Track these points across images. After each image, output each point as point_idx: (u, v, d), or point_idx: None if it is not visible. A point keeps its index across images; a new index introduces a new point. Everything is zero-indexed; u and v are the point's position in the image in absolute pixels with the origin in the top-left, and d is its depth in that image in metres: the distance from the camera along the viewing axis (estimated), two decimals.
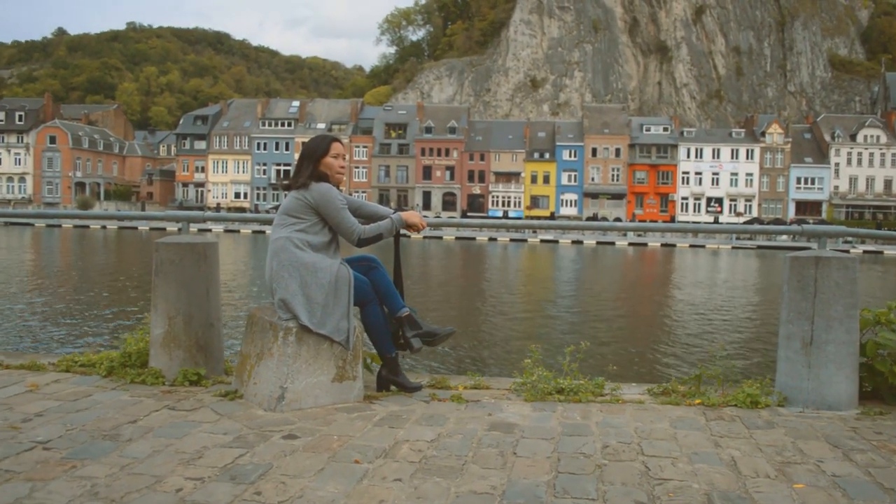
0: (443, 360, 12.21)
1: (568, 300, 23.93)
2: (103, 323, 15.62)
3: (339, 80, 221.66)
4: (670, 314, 20.77)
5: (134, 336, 4.80)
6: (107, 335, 13.92)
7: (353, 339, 4.04)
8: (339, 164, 4.18)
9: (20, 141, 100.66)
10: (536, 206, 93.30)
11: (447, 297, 23.51)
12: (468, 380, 4.68)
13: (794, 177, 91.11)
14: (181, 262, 4.52)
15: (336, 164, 4.18)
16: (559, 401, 4.23)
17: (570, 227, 5.07)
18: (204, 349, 4.55)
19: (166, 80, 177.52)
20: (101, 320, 16.01)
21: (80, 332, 14.57)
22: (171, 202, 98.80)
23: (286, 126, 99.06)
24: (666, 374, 11.49)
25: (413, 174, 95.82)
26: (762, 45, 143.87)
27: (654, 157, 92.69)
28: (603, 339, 15.31)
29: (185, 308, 4.50)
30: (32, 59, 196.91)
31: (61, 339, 13.73)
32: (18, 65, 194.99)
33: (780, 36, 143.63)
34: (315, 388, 3.97)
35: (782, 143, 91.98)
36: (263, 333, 4.04)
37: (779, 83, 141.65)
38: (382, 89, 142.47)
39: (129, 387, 4.32)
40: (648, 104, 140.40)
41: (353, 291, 4.04)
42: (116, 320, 15.99)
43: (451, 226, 5.07)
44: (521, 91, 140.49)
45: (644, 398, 4.33)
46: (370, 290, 4.18)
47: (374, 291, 4.20)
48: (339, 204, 4.05)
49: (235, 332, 13.88)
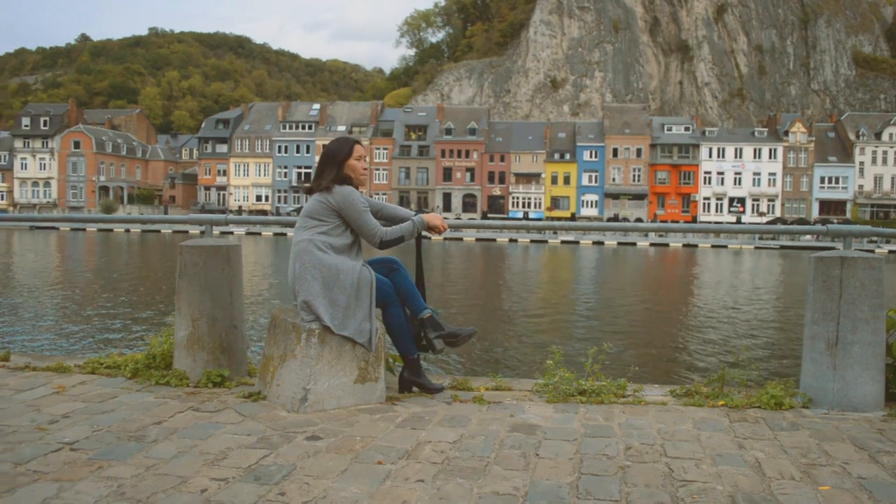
0: (464, 361, 12.21)
1: (589, 301, 23.84)
2: (128, 325, 15.77)
3: (359, 82, 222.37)
4: (692, 315, 20.62)
5: (158, 338, 4.84)
6: (132, 338, 14.06)
7: (375, 340, 4.06)
8: (361, 167, 4.22)
9: (45, 146, 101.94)
10: (557, 207, 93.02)
11: (468, 298, 23.50)
12: (490, 381, 4.68)
13: (818, 176, 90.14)
14: (205, 264, 4.56)
15: (359, 166, 4.21)
16: (581, 402, 4.22)
17: (591, 228, 5.06)
18: (227, 351, 4.59)
19: (188, 84, 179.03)
20: (126, 323, 16.17)
21: (106, 334, 14.73)
22: (193, 205, 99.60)
23: (307, 129, 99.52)
24: (689, 376, 11.42)
25: (433, 176, 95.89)
26: (785, 43, 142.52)
27: (675, 157, 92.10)
28: (625, 341, 15.23)
29: (209, 310, 4.53)
30: (57, 65, 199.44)
31: (87, 341, 13.89)
32: (43, 71, 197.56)
33: (804, 34, 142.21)
34: (338, 390, 3.99)
35: (806, 142, 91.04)
36: (286, 335, 4.06)
37: (802, 81, 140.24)
38: (402, 91, 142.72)
39: (153, 388, 4.36)
40: (669, 104, 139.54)
41: (375, 293, 4.06)
42: (141, 323, 16.15)
43: (471, 227, 5.08)
44: (541, 92, 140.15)
45: (667, 399, 4.31)
46: (392, 291, 4.20)
47: (396, 293, 4.22)
48: (362, 206, 4.08)
49: (258, 333, 13.97)
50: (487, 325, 17.27)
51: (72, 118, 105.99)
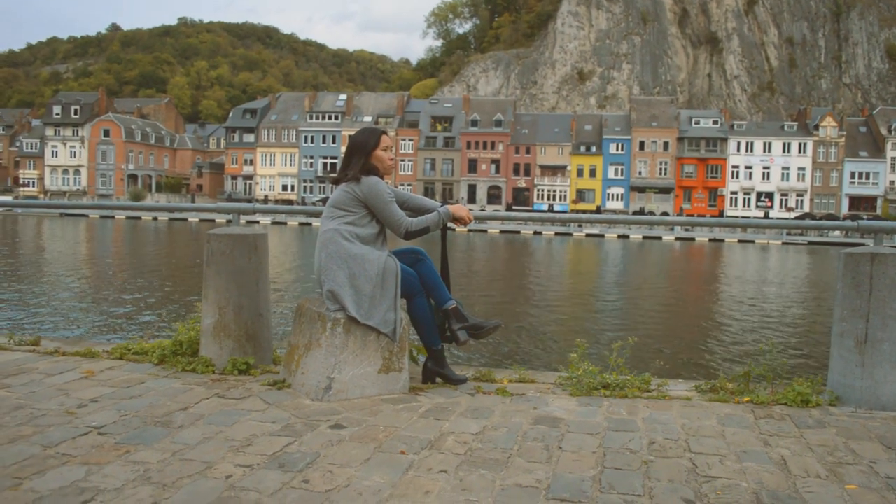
0: (488, 353, 12.21)
1: (614, 295, 23.73)
2: (155, 312, 15.96)
3: (385, 73, 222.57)
4: (718, 310, 20.47)
5: (185, 325, 4.89)
6: (159, 324, 14.22)
7: (399, 330, 4.07)
8: (388, 157, 4.24)
9: (75, 134, 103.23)
10: (582, 199, 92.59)
11: (492, 289, 23.49)
12: (513, 373, 4.68)
13: (848, 171, 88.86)
14: (232, 253, 4.59)
15: (386, 156, 4.23)
16: (605, 396, 4.21)
17: (617, 221, 5.03)
18: (253, 339, 4.62)
19: (216, 74, 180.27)
20: (154, 309, 16.36)
21: (134, 320, 14.91)
22: (220, 194, 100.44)
23: (333, 119, 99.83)
24: (714, 371, 11.34)
25: (458, 167, 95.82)
26: (816, 35, 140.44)
27: (703, 151, 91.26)
28: (649, 335, 15.15)
29: (236, 298, 4.57)
30: (87, 55, 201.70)
31: (115, 327, 14.08)
32: (74, 59, 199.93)
33: (836, 26, 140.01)
34: (362, 379, 4.00)
35: (836, 137, 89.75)
36: (311, 324, 4.09)
37: (833, 75, 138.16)
38: (429, 82, 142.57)
39: (180, 375, 4.41)
40: (698, 97, 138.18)
41: (400, 283, 4.07)
42: (168, 309, 16.33)
43: (496, 219, 5.07)
44: (568, 84, 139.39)
45: (691, 395, 4.28)
46: (417, 282, 4.20)
47: (421, 284, 4.22)
48: (388, 197, 4.09)
49: (284, 322, 14.07)
50: (511, 318, 17.26)
51: (102, 107, 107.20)
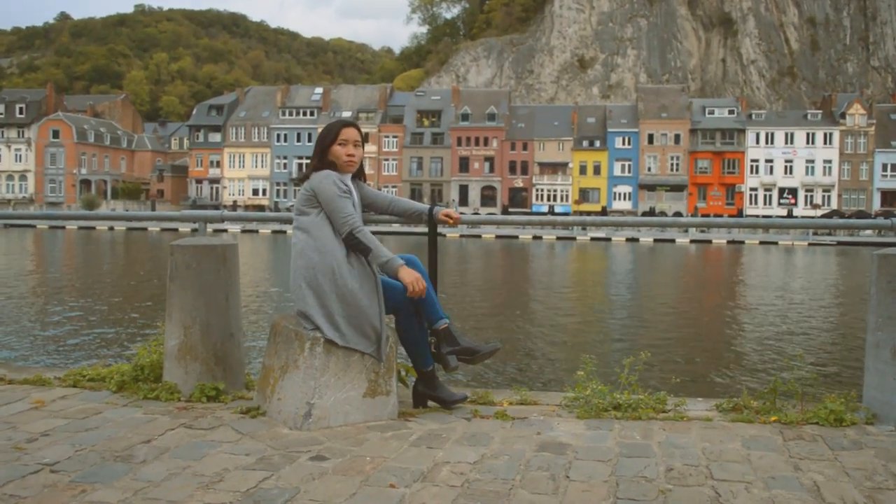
0: (485, 372, 12.20)
1: (623, 305, 23.76)
2: (113, 333, 15.88)
3: (366, 63, 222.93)
4: (740, 320, 20.52)
5: (147, 348, 4.86)
6: (117, 347, 14.16)
7: (385, 349, 4.05)
8: (345, 153, 4.18)
9: (21, 136, 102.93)
10: (586, 200, 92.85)
11: (487, 301, 23.49)
12: (514, 394, 4.67)
13: (880, 163, 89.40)
14: (198, 266, 4.57)
15: (342, 152, 4.18)
16: (616, 418, 4.20)
17: (625, 224, 5.03)
18: (223, 362, 4.60)
19: (178, 66, 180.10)
20: (111, 330, 16.28)
21: (88, 343, 14.83)
22: (183, 200, 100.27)
23: (308, 115, 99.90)
24: (736, 388, 11.35)
25: (448, 166, 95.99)
26: (840, 15, 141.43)
27: (718, 144, 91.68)
28: (663, 349, 15.16)
29: (203, 316, 4.55)
30: (33, 47, 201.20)
31: (68, 351, 14.00)
32: (18, 53, 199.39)
33: (861, 4, 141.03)
34: (345, 404, 3.99)
35: (865, 126, 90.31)
36: (288, 344, 4.07)
37: (860, 58, 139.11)
38: (414, 73, 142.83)
39: (141, 403, 4.38)
40: (711, 84, 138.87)
41: (382, 297, 4.05)
42: (127, 330, 16.25)
43: (490, 223, 5.06)
44: (568, 72, 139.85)
45: (712, 415, 4.28)
46: (404, 296, 4.18)
47: (409, 298, 4.20)
48: (337, 190, 4.03)
49: (257, 343, 14.02)
50: (510, 332, 17.25)
51: (50, 105, 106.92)
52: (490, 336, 16.60)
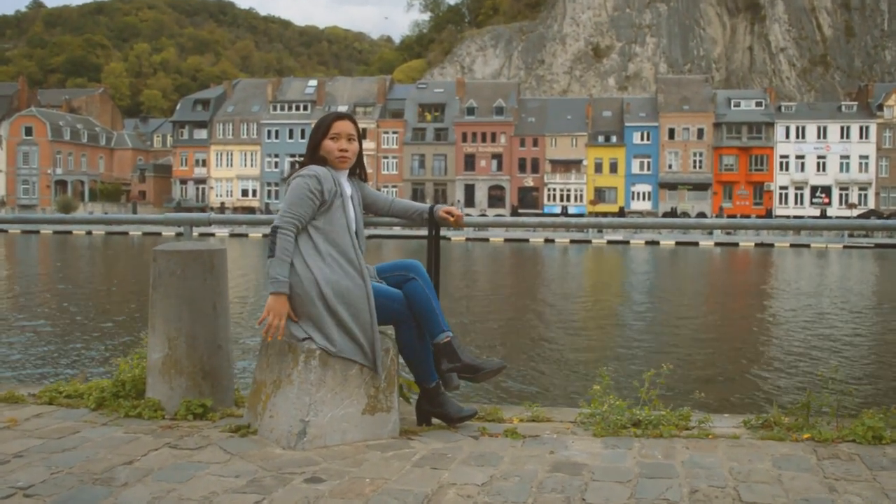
0: (493, 387, 12.19)
1: (643, 313, 23.73)
2: (91, 346, 15.89)
3: (363, 53, 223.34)
4: (769, 329, 20.48)
5: (128, 361, 4.86)
6: (96, 361, 14.17)
7: (381, 360, 4.04)
8: (337, 148, 4.19)
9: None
10: (602, 200, 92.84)
11: (495, 309, 23.47)
12: (525, 410, 4.67)
13: None
14: (183, 273, 4.57)
15: (334, 146, 4.19)
16: (636, 435, 4.19)
17: (644, 226, 5.03)
18: (210, 376, 4.60)
19: (160, 58, 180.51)
20: (89, 343, 16.30)
21: (65, 357, 14.85)
22: (167, 202, 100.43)
23: (302, 110, 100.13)
24: (766, 403, 11.33)
25: (452, 164, 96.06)
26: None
27: (745, 139, 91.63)
28: (687, 361, 15.14)
29: (189, 327, 4.55)
30: (4, 37, 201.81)
31: (43, 366, 14.01)
32: None
33: None
34: (343, 422, 3.99)
35: None
36: (281, 357, 4.07)
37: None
38: (415, 64, 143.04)
39: (122, 421, 4.38)
40: (737, 74, 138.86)
41: (373, 305, 4.02)
42: (107, 343, 16.26)
43: (499, 226, 5.06)
44: (582, 62, 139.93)
45: (740, 432, 4.27)
46: (403, 306, 4.16)
47: (408, 308, 4.19)
48: (304, 191, 4.02)
49: (247, 355, 14.03)
50: (520, 343, 17.23)
51: (22, 100, 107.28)
52: (497, 348, 16.61)
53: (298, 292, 3.98)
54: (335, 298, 3.96)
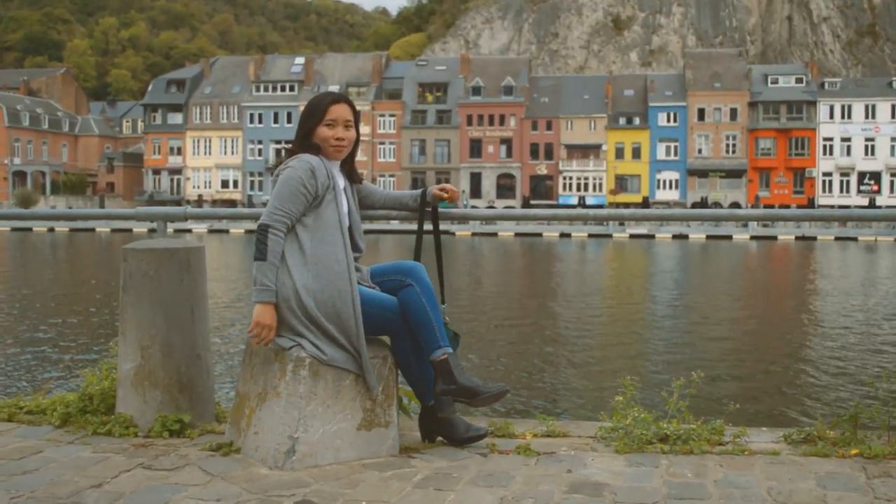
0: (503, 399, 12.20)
1: (670, 315, 23.72)
2: (55, 356, 15.91)
3: (356, 27, 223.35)
4: (811, 333, 20.45)
5: (96, 373, 4.86)
6: (60, 372, 14.19)
7: (371, 373, 4.00)
8: (333, 136, 4.14)
9: None
10: (623, 189, 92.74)
11: (504, 312, 23.47)
12: (539, 424, 4.67)
13: None
14: (157, 273, 4.58)
15: (329, 134, 4.14)
16: (663, 452, 4.19)
17: (671, 218, 5.02)
18: (188, 388, 4.60)
19: (129, 34, 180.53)
20: (53, 353, 16.32)
21: (25, 368, 14.86)
22: (138, 195, 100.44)
23: (288, 90, 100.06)
24: (808, 415, 11.33)
25: (457, 151, 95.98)
26: None
27: (783, 120, 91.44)
28: (719, 368, 15.14)
29: (164, 335, 4.55)
30: None
31: (0, 378, 14.03)
32: None
33: None
34: (336, 438, 3.99)
35: None
36: (266, 366, 4.07)
37: None
38: (414, 39, 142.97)
39: (90, 440, 4.38)
40: (774, 48, 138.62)
41: (358, 311, 4.00)
42: (72, 352, 16.28)
43: (508, 218, 5.06)
44: (601, 35, 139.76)
45: (779, 447, 4.27)
46: (397, 316, 4.13)
47: (403, 318, 4.16)
48: (295, 184, 3.99)
49: (229, 365, 14.04)
50: (532, 350, 17.23)
51: None
52: (504, 357, 16.61)
53: (287, 293, 3.97)
54: (317, 310, 3.92)
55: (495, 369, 15.18)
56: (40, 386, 13.36)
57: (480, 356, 16.51)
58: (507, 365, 15.63)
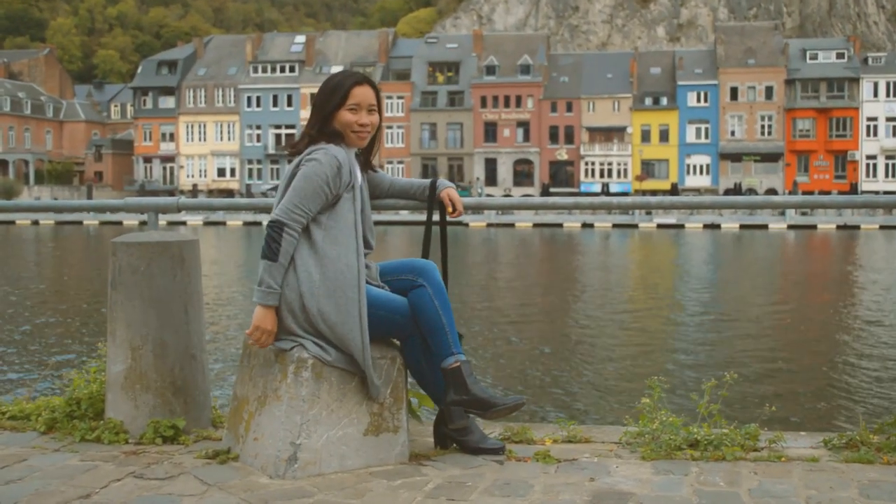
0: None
1: (701, 312, 23.67)
2: (40, 357, 15.96)
3: (360, 3, 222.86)
4: (853, 330, 20.38)
5: (83, 375, 4.87)
6: (46, 374, 14.23)
7: (375, 377, 3.97)
8: (357, 121, 4.09)
9: None
10: (650, 175, 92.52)
11: (521, 308, 23.46)
12: (558, 429, 4.66)
13: None
14: (148, 269, 4.58)
15: (353, 119, 4.08)
16: (693, 459, 4.19)
17: (702, 206, 5.01)
18: (182, 392, 4.61)
19: (117, 11, 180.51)
20: (37, 354, 16.37)
21: (8, 371, 14.92)
22: (128, 185, 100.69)
23: (288, 72, 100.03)
24: (850, 418, 11.30)
25: (470, 135, 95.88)
26: None
27: (823, 98, 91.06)
28: (754, 368, 15.11)
29: (156, 334, 4.56)
30: None
31: None
32: None
33: None
34: (341, 445, 3.99)
35: None
36: (266, 368, 4.07)
37: None
38: (423, 14, 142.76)
39: (78, 447, 4.39)
40: (813, 20, 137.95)
41: (363, 311, 3.95)
42: (59, 353, 16.34)
43: (526, 208, 5.07)
44: (625, 8, 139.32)
45: (819, 453, 4.26)
46: (407, 319, 4.10)
47: (412, 320, 4.12)
48: (322, 183, 3.92)
49: (227, 366, 14.07)
50: (551, 349, 17.22)
51: None
52: (521, 356, 16.60)
53: (290, 290, 3.95)
54: (320, 317, 3.88)
55: (511, 370, 15.18)
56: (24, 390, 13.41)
57: (495, 356, 16.52)
58: (525, 365, 15.63)
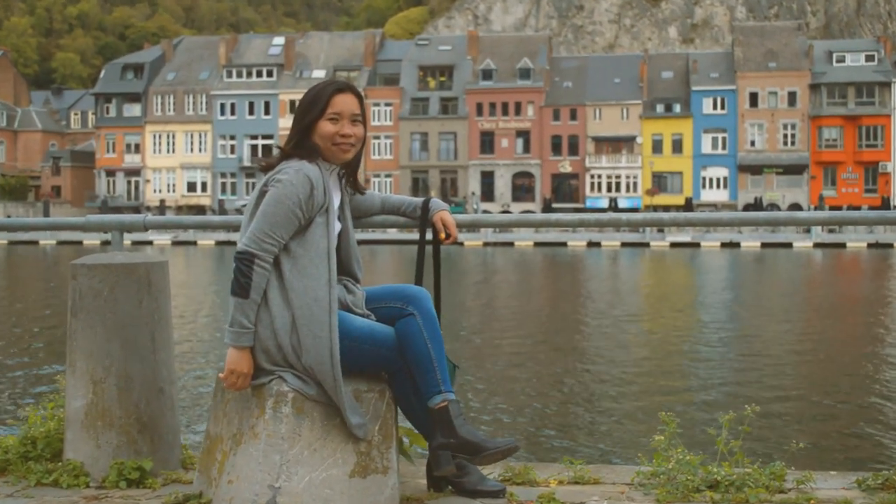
0: (522, 436, 12.18)
1: (719, 339, 23.68)
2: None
3: (345, 2, 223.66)
4: (887, 358, 20.40)
5: (40, 412, 4.86)
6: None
7: (354, 416, 3.91)
8: (338, 132, 4.04)
9: None
10: (662, 189, 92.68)
11: (520, 334, 23.45)
12: (564, 469, 4.65)
13: None
14: (112, 294, 4.57)
15: (332, 130, 4.02)
16: (713, 501, 4.19)
17: (719, 223, 5.02)
18: (149, 429, 4.60)
19: (77, 10, 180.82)
20: None
21: None
22: (89, 200, 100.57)
23: (265, 76, 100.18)
24: (886, 457, 11.30)
25: (465, 145, 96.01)
26: None
27: (852, 105, 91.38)
28: (778, 401, 15.10)
29: (120, 365, 4.55)
30: None
31: None
32: None
33: None
34: (324, 488, 3.97)
35: None
36: (243, 403, 4.06)
37: None
38: (413, 13, 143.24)
39: (33, 492, 4.37)
40: (839, 20, 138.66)
41: (337, 365, 3.86)
42: (11, 388, 16.29)
43: (526, 225, 5.06)
44: (633, 7, 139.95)
45: (852, 495, 4.26)
46: (393, 352, 4.04)
47: (399, 354, 4.05)
48: (293, 207, 3.84)
49: (197, 401, 14.04)
50: (555, 381, 17.20)
51: None
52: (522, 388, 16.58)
53: (265, 318, 3.91)
54: (294, 355, 3.86)
55: (510, 404, 15.15)
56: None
57: (493, 386, 16.49)
58: (526, 398, 15.60)
